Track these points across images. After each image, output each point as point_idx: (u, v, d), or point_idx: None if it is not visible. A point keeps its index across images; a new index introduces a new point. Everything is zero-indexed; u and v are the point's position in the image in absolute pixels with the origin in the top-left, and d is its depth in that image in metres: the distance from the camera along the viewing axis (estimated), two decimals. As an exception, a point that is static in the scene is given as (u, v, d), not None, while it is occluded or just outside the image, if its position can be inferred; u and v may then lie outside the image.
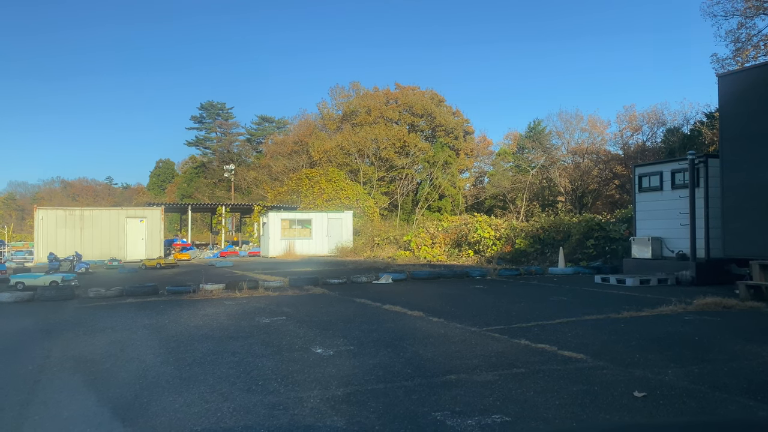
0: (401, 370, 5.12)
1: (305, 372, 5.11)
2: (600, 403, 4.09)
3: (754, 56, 32.27)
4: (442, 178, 47.13)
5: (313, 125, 54.46)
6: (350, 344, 6.31)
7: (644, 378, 4.77)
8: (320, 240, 28.75)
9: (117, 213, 27.18)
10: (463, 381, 4.76)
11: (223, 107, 76.83)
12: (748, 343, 6.16)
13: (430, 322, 7.83)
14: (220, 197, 57.39)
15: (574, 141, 48.77)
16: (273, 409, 4.06)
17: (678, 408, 3.96)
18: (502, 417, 3.83)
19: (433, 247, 25.04)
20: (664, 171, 13.51)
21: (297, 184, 38.07)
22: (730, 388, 4.43)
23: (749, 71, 11.05)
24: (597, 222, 18.90)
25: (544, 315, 8.24)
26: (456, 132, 51.97)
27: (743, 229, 10.56)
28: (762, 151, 10.17)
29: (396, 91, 52.45)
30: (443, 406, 4.07)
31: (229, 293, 11.31)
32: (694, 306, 8.63)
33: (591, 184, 44.21)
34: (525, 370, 5.11)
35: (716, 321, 7.63)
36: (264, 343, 6.42)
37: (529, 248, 20.52)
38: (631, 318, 7.88)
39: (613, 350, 5.86)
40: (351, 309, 9.26)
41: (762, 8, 32.39)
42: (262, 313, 8.73)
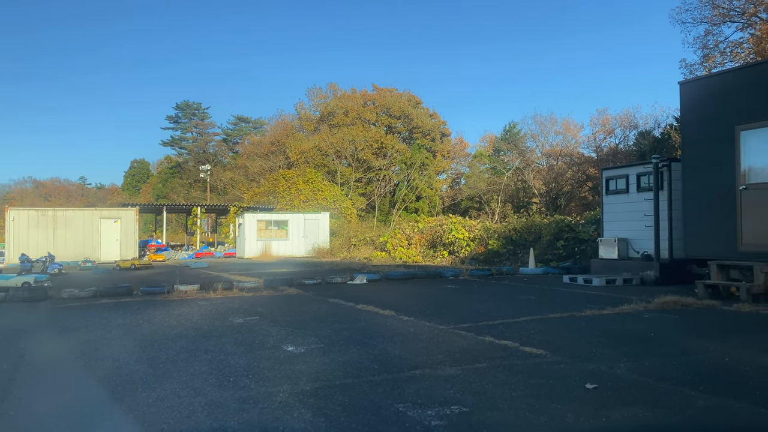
0: (369, 366, 5.33)
1: (276, 369, 5.29)
2: (553, 395, 4.35)
3: (721, 62, 33.21)
4: (419, 180, 47.46)
5: (290, 126, 54.40)
6: (321, 342, 6.50)
7: (598, 371, 5.05)
8: (297, 241, 28.84)
9: (91, 213, 26.95)
10: (427, 375, 4.98)
11: (199, 107, 76.32)
12: (700, 339, 6.50)
13: (400, 320, 8.05)
14: (196, 198, 56.98)
15: (548, 143, 49.54)
16: (243, 403, 4.24)
17: (623, 398, 4.23)
18: (460, 408, 4.06)
19: (408, 248, 25.30)
20: (630, 174, 13.95)
21: (274, 184, 38.07)
22: (675, 380, 4.72)
23: (708, 79, 11.50)
24: (567, 223, 19.34)
25: (511, 313, 8.52)
26: (433, 134, 52.38)
27: (703, 231, 10.98)
28: (720, 156, 10.59)
29: (373, 93, 52.68)
30: (406, 399, 4.29)
31: (203, 294, 11.41)
32: (654, 304, 8.99)
33: (565, 186, 44.96)
34: (487, 364, 5.35)
35: (673, 318, 7.98)
36: (236, 342, 6.58)
37: (501, 249, 20.90)
38: (593, 316, 8.20)
39: (572, 346, 6.15)
40: (324, 309, 9.45)
41: (728, 16, 33.34)
42: (236, 313, 8.87)
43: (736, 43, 33.66)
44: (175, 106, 76.31)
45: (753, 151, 10.18)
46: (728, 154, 10.46)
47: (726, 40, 33.85)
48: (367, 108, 51.03)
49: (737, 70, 12.53)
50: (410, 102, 52.48)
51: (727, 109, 10.52)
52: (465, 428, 3.65)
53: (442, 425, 3.71)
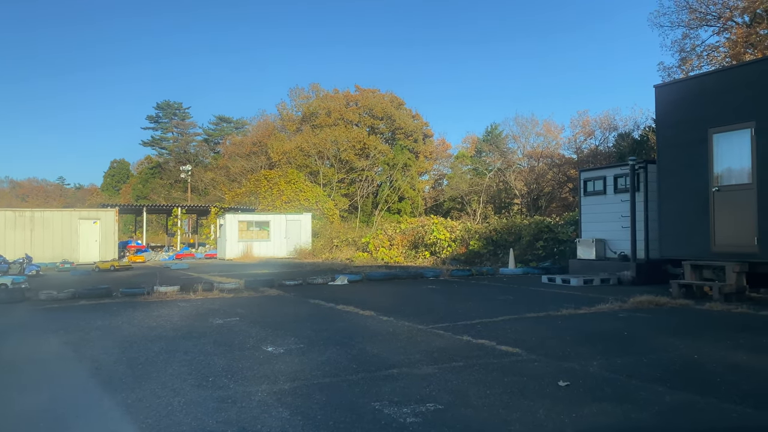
0: (347, 366, 5.40)
1: (255, 369, 5.34)
2: (527, 392, 4.45)
3: (698, 65, 33.79)
4: (401, 181, 47.60)
5: (272, 126, 54.26)
6: (301, 343, 6.55)
7: (571, 369, 5.17)
8: (278, 242, 28.78)
9: (69, 214, 26.66)
10: (405, 374, 5.07)
11: (179, 107, 75.77)
12: (671, 337, 6.66)
13: (380, 321, 8.12)
14: (177, 198, 56.56)
15: (529, 145, 50.05)
16: (222, 402, 4.28)
17: (594, 395, 4.35)
18: (435, 405, 4.14)
19: (390, 249, 25.39)
20: (607, 176, 14.18)
21: (255, 185, 37.95)
22: (645, 377, 4.86)
23: (682, 83, 11.74)
24: (546, 224, 19.57)
25: (489, 313, 8.64)
26: (415, 135, 52.56)
27: (677, 231, 11.21)
28: (694, 158, 10.83)
29: (356, 93, 52.71)
30: (383, 397, 4.36)
31: (183, 295, 11.38)
32: (629, 304, 9.17)
33: (546, 187, 45.40)
34: (463, 363, 5.45)
35: (647, 317, 8.15)
36: (216, 343, 6.61)
37: (482, 249, 21.08)
38: (569, 315, 8.35)
39: (547, 345, 6.27)
40: (304, 309, 9.49)
41: (705, 20, 33.92)
42: (216, 314, 8.88)
43: (712, 47, 34.23)
44: (156, 106, 75.77)
45: (725, 154, 10.42)
46: (702, 156, 10.69)
47: (703, 44, 34.44)
48: (349, 109, 51.06)
49: (710, 74, 12.81)
50: (393, 103, 52.61)
51: (701, 113, 10.76)
52: (439, 425, 3.73)
53: (417, 422, 3.79)
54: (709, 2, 32.66)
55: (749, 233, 10.04)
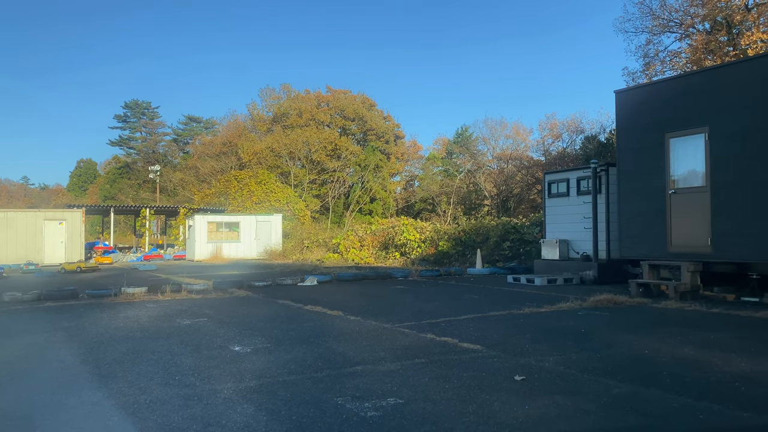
0: (313, 364, 5.53)
1: (221, 367, 5.44)
2: (484, 387, 4.65)
3: (661, 70, 34.67)
4: (373, 182, 47.79)
5: (242, 126, 53.94)
6: (268, 342, 6.66)
7: (528, 365, 5.39)
8: (248, 243, 28.69)
9: (34, 215, 26.18)
10: (368, 371, 5.22)
11: (148, 106, 74.74)
12: (626, 334, 6.95)
13: (347, 320, 8.27)
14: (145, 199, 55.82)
15: (499, 147, 50.76)
16: (188, 400, 4.38)
17: (547, 388, 4.57)
18: (396, 399, 4.31)
19: (361, 250, 25.54)
20: (570, 178, 14.56)
21: (225, 186, 37.71)
22: (597, 371, 5.10)
23: (641, 88, 12.14)
24: (513, 225, 19.95)
25: (454, 312, 8.85)
26: (387, 136, 52.79)
27: (636, 232, 11.60)
28: (652, 161, 11.22)
29: (327, 94, 52.74)
30: (345, 393, 4.51)
31: (151, 296, 11.36)
32: (589, 303, 9.48)
33: (515, 188, 46.06)
34: (425, 360, 5.63)
35: (605, 315, 8.46)
36: (183, 343, 6.67)
37: (451, 250, 21.37)
38: (531, 313, 8.61)
39: (507, 342, 6.49)
40: (273, 310, 9.58)
41: (668, 27, 34.84)
42: (184, 315, 8.92)
43: (674, 53, 35.16)
44: (124, 105, 74.66)
45: (681, 158, 10.83)
46: (659, 160, 11.09)
47: (665, 50, 35.35)
48: (321, 109, 51.05)
49: (667, 80, 13.26)
50: (364, 104, 52.78)
51: (658, 118, 11.16)
52: (398, 418, 3.90)
53: (377, 416, 3.95)
54: (671, 9, 33.56)
55: (703, 234, 10.45)
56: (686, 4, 33.10)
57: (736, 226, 9.99)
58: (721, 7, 30.96)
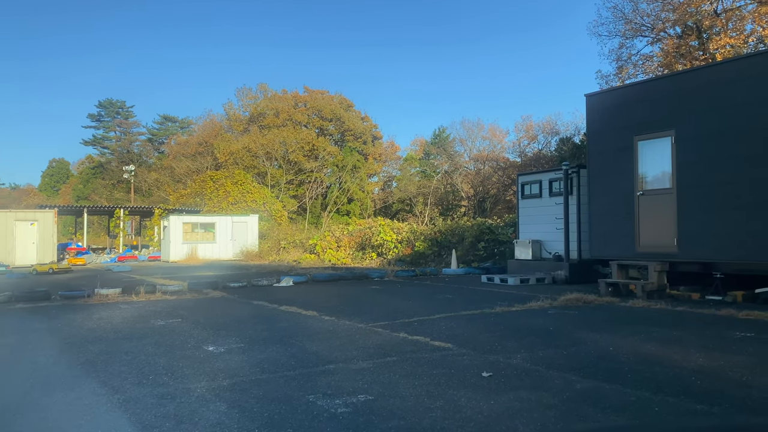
0: (286, 363, 5.62)
1: (195, 367, 5.50)
2: (452, 383, 4.79)
3: (633, 74, 35.31)
4: (350, 182, 47.84)
5: (218, 126, 53.54)
6: (241, 342, 6.72)
7: (496, 362, 5.54)
8: (224, 244, 28.56)
9: (5, 215, 25.74)
10: (340, 369, 5.33)
11: (123, 105, 73.77)
12: (592, 332, 7.15)
13: (321, 320, 8.36)
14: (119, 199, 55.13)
15: (476, 148, 51.24)
16: (161, 399, 4.44)
17: (512, 384, 4.73)
18: (366, 396, 4.42)
19: (338, 251, 25.59)
20: (543, 180, 14.83)
21: (201, 186, 37.44)
22: (562, 367, 5.27)
23: (611, 92, 12.43)
24: (487, 226, 20.22)
25: (428, 311, 9.00)
26: (365, 137, 52.86)
27: (606, 233, 11.87)
28: (621, 163, 11.50)
29: (305, 95, 52.63)
30: (317, 390, 4.61)
31: (125, 297, 11.32)
32: (559, 301, 9.70)
33: (492, 189, 46.52)
34: (397, 358, 5.75)
35: (574, 314, 8.67)
36: (157, 344, 6.71)
37: (427, 251, 21.55)
38: (502, 312, 8.80)
39: (477, 340, 6.65)
40: (247, 310, 9.63)
41: (640, 31, 35.51)
42: (158, 316, 8.92)
43: (647, 56, 35.83)
44: (98, 104, 73.53)
45: (648, 160, 11.13)
46: (628, 162, 11.38)
47: (638, 53, 36.02)
48: (298, 109, 50.94)
49: (635, 85, 13.59)
50: (342, 105, 52.79)
51: (627, 121, 11.45)
52: (367, 413, 4.02)
53: (348, 412, 4.06)
54: (643, 14, 34.21)
55: (670, 235, 10.76)
56: (657, 8, 33.76)
57: (701, 226, 10.30)
58: (691, 12, 31.65)
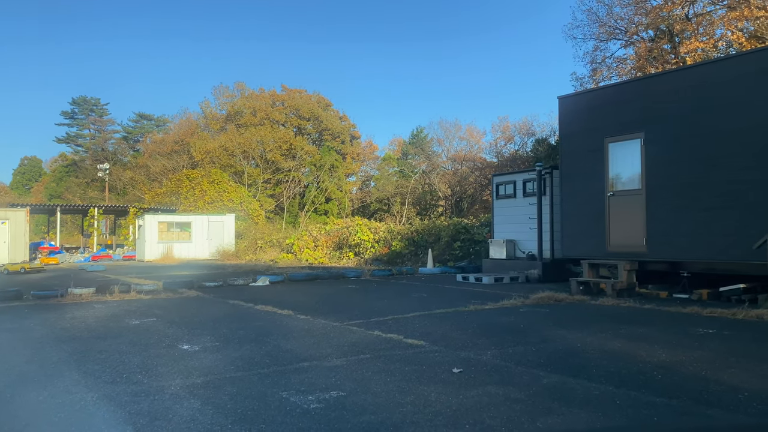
0: (260, 361, 5.68)
1: (169, 365, 5.54)
2: (423, 379, 4.90)
3: (607, 76, 35.87)
4: (328, 182, 47.81)
5: (195, 124, 53.11)
6: (216, 341, 6.77)
7: (467, 358, 5.67)
8: (200, 243, 28.38)
9: (-26, 214, 25.25)
10: (314, 367, 5.41)
11: (97, 103, 72.70)
12: (562, 329, 7.33)
13: (297, 319, 8.42)
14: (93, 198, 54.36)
15: (453, 149, 51.61)
16: (135, 396, 4.48)
17: (481, 379, 4.86)
18: (338, 392, 4.52)
19: (315, 250, 25.61)
20: (517, 180, 15.07)
21: (177, 185, 37.12)
22: (530, 363, 5.42)
23: (582, 95, 12.69)
24: (463, 226, 20.44)
25: (402, 309, 9.12)
26: (343, 136, 52.89)
27: (577, 232, 12.12)
28: (592, 165, 11.75)
29: (282, 93, 52.48)
30: (291, 387, 4.69)
31: (99, 297, 11.24)
32: (531, 300, 9.89)
33: (469, 189, 46.88)
34: (370, 355, 5.86)
35: (545, 312, 8.86)
36: (132, 342, 6.71)
37: (404, 250, 21.70)
38: (475, 310, 8.95)
39: (449, 337, 6.78)
40: (223, 310, 9.65)
41: (614, 34, 36.08)
42: (133, 316, 8.90)
43: (621, 59, 36.41)
44: (72, 101, 72.34)
45: (618, 162, 11.39)
46: (599, 163, 11.63)
47: (612, 56, 36.60)
48: (275, 108, 50.77)
49: (606, 88, 13.89)
50: (320, 104, 52.74)
51: (598, 123, 11.70)
52: (339, 409, 4.11)
53: (320, 407, 4.15)
54: (617, 17, 34.78)
55: (639, 234, 11.02)
56: (631, 12, 34.34)
57: (668, 227, 10.58)
58: (663, 17, 32.27)
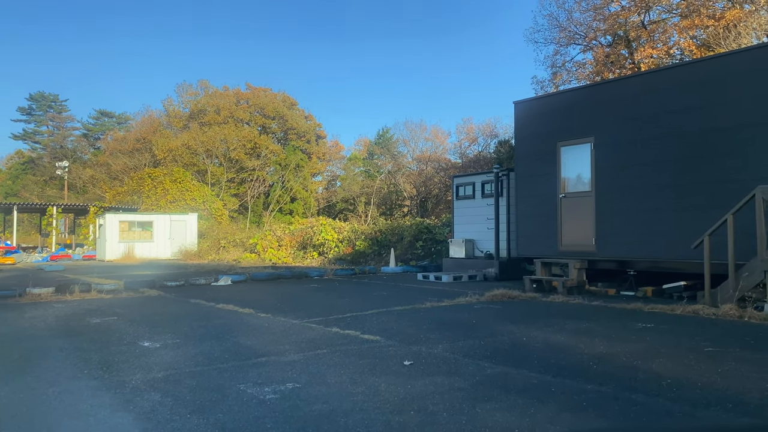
0: (220, 356, 5.88)
1: (130, 361, 5.69)
2: (375, 371, 5.18)
3: (567, 80, 36.81)
4: (294, 181, 47.77)
5: (157, 122, 52.41)
6: (177, 338, 6.93)
7: (419, 352, 5.98)
8: (162, 243, 28.15)
9: (-74, 213, 24.58)
10: (272, 362, 5.64)
11: (56, 99, 71.09)
12: (511, 324, 7.71)
13: (258, 317, 8.62)
14: (52, 196, 53.12)
15: (418, 149, 52.14)
16: (96, 390, 4.65)
17: (430, 370, 5.17)
18: (294, 384, 4.76)
19: (279, 250, 25.68)
20: (476, 182, 15.51)
21: (138, 184, 36.66)
22: (477, 356, 5.76)
23: (537, 100, 13.17)
24: (426, 225, 20.83)
25: (361, 307, 9.39)
26: (308, 136, 52.86)
27: (531, 233, 12.58)
28: (545, 167, 12.22)
29: (247, 92, 52.18)
30: (248, 380, 4.92)
31: (59, 296, 11.21)
32: (486, 297, 10.28)
33: (434, 189, 47.44)
34: (327, 350, 6.11)
35: (497, 308, 9.25)
36: (92, 340, 6.83)
37: (368, 249, 21.98)
38: (431, 307, 9.29)
39: (405, 332, 7.08)
40: (184, 308, 9.77)
41: (573, 39, 37.04)
42: (93, 314, 8.96)
43: (580, 64, 37.41)
44: (29, 97, 70.56)
45: (569, 165, 11.89)
46: (551, 166, 12.11)
47: (572, 60, 37.59)
48: (240, 107, 50.47)
49: (558, 94, 14.41)
50: (285, 103, 52.61)
51: (550, 128, 12.18)
52: (294, 399, 4.36)
53: (275, 398, 4.39)
54: (576, 23, 35.74)
55: (589, 234, 11.53)
56: (590, 18, 35.32)
57: (616, 227, 11.11)
58: (620, 23, 33.30)
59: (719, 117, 9.71)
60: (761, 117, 9.23)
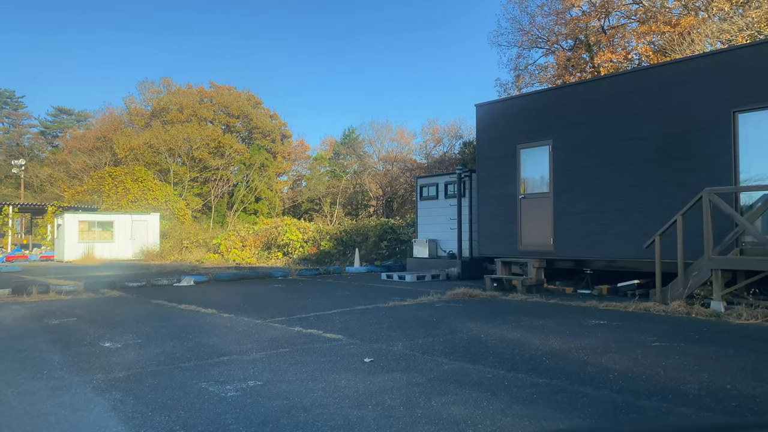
0: (182, 356, 5.92)
1: (91, 362, 5.69)
2: (336, 368, 5.30)
3: (530, 83, 37.49)
4: (258, 181, 47.44)
5: (118, 120, 51.37)
6: (138, 338, 6.92)
7: (380, 349, 6.12)
8: (123, 243, 27.70)
9: None
10: (234, 360, 5.71)
11: (12, 95, 69.02)
12: (470, 322, 7.92)
13: (220, 317, 8.64)
14: (7, 196, 51.56)
15: (384, 149, 52.36)
16: (57, 390, 4.66)
17: (389, 367, 5.31)
18: (255, 382, 4.85)
19: (243, 250, 25.52)
20: (439, 183, 15.74)
21: (99, 183, 35.93)
22: (435, 352, 5.93)
23: (497, 103, 13.46)
24: (390, 226, 21.02)
25: (325, 307, 9.49)
26: (273, 135, 52.54)
27: (492, 232, 12.86)
28: (506, 169, 12.51)
29: (211, 90, 51.61)
30: (210, 379, 4.99)
31: (16, 298, 11.01)
32: (447, 296, 10.49)
33: (399, 190, 47.70)
34: (289, 349, 6.21)
35: (458, 306, 9.46)
36: (52, 341, 6.77)
37: (333, 250, 22.05)
38: (394, 306, 9.45)
39: (366, 331, 7.22)
40: (146, 309, 9.72)
41: (536, 42, 37.74)
42: (52, 316, 8.85)
43: (542, 67, 38.14)
44: (-18, 93, 68.28)
45: (528, 167, 12.20)
46: (512, 168, 12.40)
47: (534, 63, 38.30)
48: (203, 105, 49.88)
49: (518, 97, 14.76)
50: (250, 102, 52.21)
51: (511, 130, 12.48)
52: (255, 396, 4.45)
53: (236, 395, 4.48)
54: (539, 26, 36.43)
55: (548, 235, 11.86)
56: (551, 22, 36.04)
57: (574, 228, 11.45)
58: (581, 27, 34.10)
59: (672, 121, 10.12)
60: (709, 121, 9.66)
